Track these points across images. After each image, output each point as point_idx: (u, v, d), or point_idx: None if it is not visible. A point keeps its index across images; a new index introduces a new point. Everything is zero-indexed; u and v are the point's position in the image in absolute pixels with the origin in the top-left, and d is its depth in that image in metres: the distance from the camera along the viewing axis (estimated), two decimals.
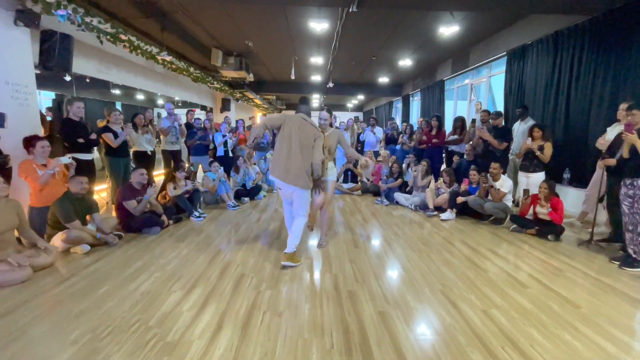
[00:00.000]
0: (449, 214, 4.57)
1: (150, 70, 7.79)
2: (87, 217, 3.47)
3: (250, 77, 10.01)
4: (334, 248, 3.45)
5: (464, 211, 4.68)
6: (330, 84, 11.59)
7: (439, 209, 4.87)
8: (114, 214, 3.99)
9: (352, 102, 21.76)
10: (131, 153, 5.26)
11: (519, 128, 5.00)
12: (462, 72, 8.41)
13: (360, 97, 17.49)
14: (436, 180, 5.47)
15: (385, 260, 3.17)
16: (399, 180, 5.67)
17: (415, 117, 11.86)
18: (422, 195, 5.29)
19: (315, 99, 19.86)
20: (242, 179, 5.76)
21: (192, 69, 8.01)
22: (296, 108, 3.19)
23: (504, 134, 4.69)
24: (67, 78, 7.81)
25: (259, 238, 3.74)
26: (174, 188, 4.46)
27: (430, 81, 10.26)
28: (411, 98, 12.80)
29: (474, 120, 5.49)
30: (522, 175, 4.34)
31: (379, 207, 5.45)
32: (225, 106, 13.15)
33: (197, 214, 4.47)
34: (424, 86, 10.80)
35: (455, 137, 5.68)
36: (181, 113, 6.85)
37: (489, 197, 4.41)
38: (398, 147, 6.97)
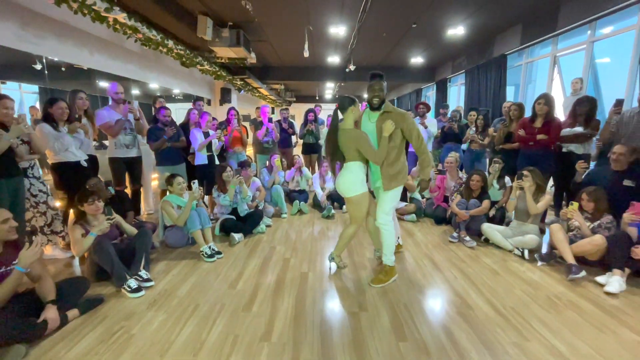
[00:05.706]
0: (618, 282, 2.36)
1: (118, 47, 5.73)
2: None
3: (252, 58, 7.87)
4: None
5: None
6: (351, 67, 9.37)
7: (581, 260, 2.69)
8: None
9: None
10: (49, 166, 3.24)
11: None
12: (538, 41, 6.09)
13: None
14: (558, 204, 3.29)
15: None
16: (486, 204, 3.46)
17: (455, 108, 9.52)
18: (533, 228, 3.12)
19: (329, 90, 17.62)
20: (231, 201, 3.67)
21: (170, 43, 5.93)
22: (371, 88, 2.47)
23: None
24: (38, 66, 6.03)
25: None
26: (82, 235, 2.38)
27: (482, 58, 7.94)
28: (449, 83, 10.47)
29: (620, 102, 3.24)
30: None
31: (456, 247, 3.29)
32: (225, 97, 11.11)
33: (133, 284, 2.33)
34: (470, 66, 8.49)
35: (579, 129, 3.45)
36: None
37: None
38: (464, 146, 4.76)
